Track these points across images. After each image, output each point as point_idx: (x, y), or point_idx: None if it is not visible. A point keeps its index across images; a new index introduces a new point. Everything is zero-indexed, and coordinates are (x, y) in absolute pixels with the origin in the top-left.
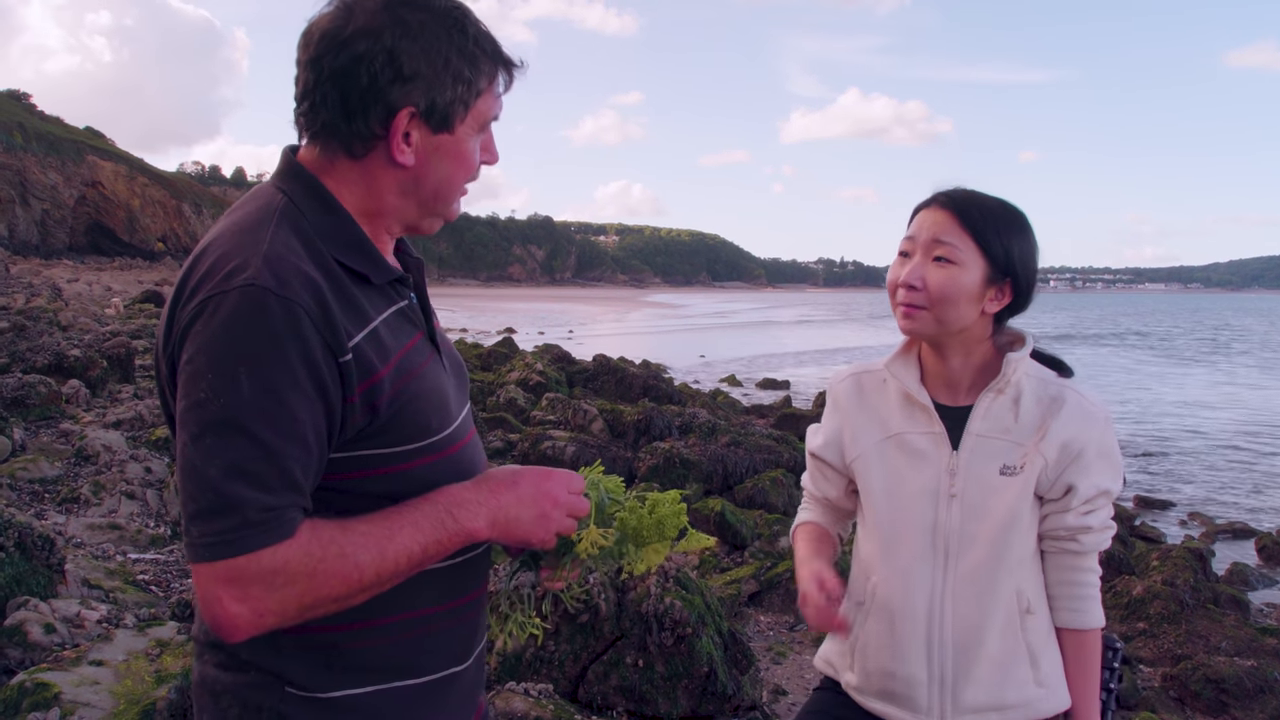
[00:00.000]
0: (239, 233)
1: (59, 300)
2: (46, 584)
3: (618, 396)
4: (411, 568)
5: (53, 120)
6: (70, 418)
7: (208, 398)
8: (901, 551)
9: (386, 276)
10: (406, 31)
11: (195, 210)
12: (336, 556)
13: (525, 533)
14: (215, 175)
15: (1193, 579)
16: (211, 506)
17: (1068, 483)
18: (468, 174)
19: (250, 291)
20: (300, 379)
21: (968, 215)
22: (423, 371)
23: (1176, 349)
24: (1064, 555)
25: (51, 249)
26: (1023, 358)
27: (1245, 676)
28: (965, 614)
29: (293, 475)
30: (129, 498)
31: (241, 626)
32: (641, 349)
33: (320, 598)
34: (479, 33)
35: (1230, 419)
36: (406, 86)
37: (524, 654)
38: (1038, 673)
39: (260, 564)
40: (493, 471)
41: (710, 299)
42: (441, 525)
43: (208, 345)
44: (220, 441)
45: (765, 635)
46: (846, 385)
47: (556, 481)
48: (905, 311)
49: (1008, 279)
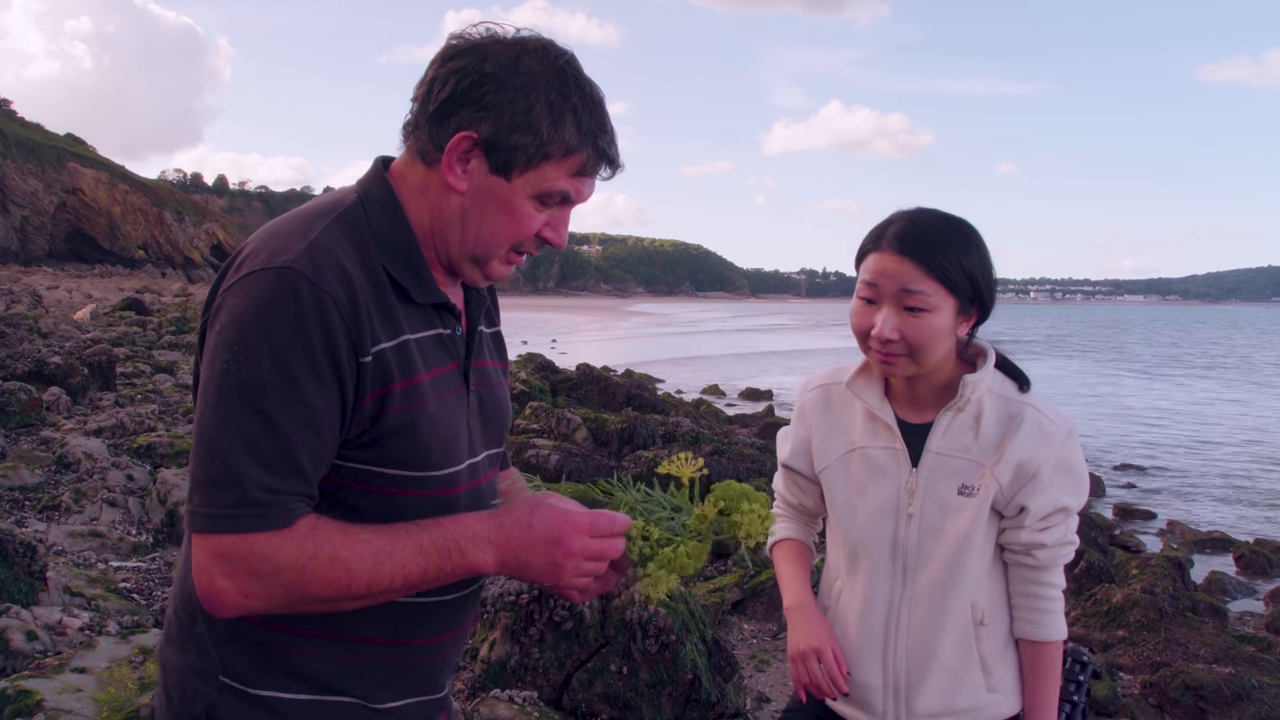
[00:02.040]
0: (297, 220)
1: (39, 307)
2: (28, 591)
3: (601, 405)
4: (408, 588)
5: (33, 127)
6: (51, 425)
7: (229, 369)
8: (863, 563)
9: (429, 298)
10: (510, 70)
11: (176, 218)
12: (329, 559)
13: (536, 578)
14: (197, 183)
15: (1172, 587)
16: (217, 477)
17: (1021, 503)
18: (516, 233)
19: (286, 274)
20: (320, 367)
21: (931, 261)
22: (440, 402)
23: (1163, 360)
24: (1022, 569)
25: (31, 256)
26: (981, 378)
27: (1223, 684)
28: (920, 626)
29: (299, 461)
30: (111, 505)
31: (227, 603)
32: (625, 358)
33: (306, 595)
34: (582, 105)
35: (1214, 431)
36: (480, 113)
37: (508, 661)
38: (990, 679)
39: (252, 547)
40: (514, 504)
41: (693, 309)
42: (446, 555)
43: (238, 319)
44: (235, 415)
45: (749, 643)
46: (814, 396)
47: (575, 528)
48: (884, 359)
49: (975, 303)
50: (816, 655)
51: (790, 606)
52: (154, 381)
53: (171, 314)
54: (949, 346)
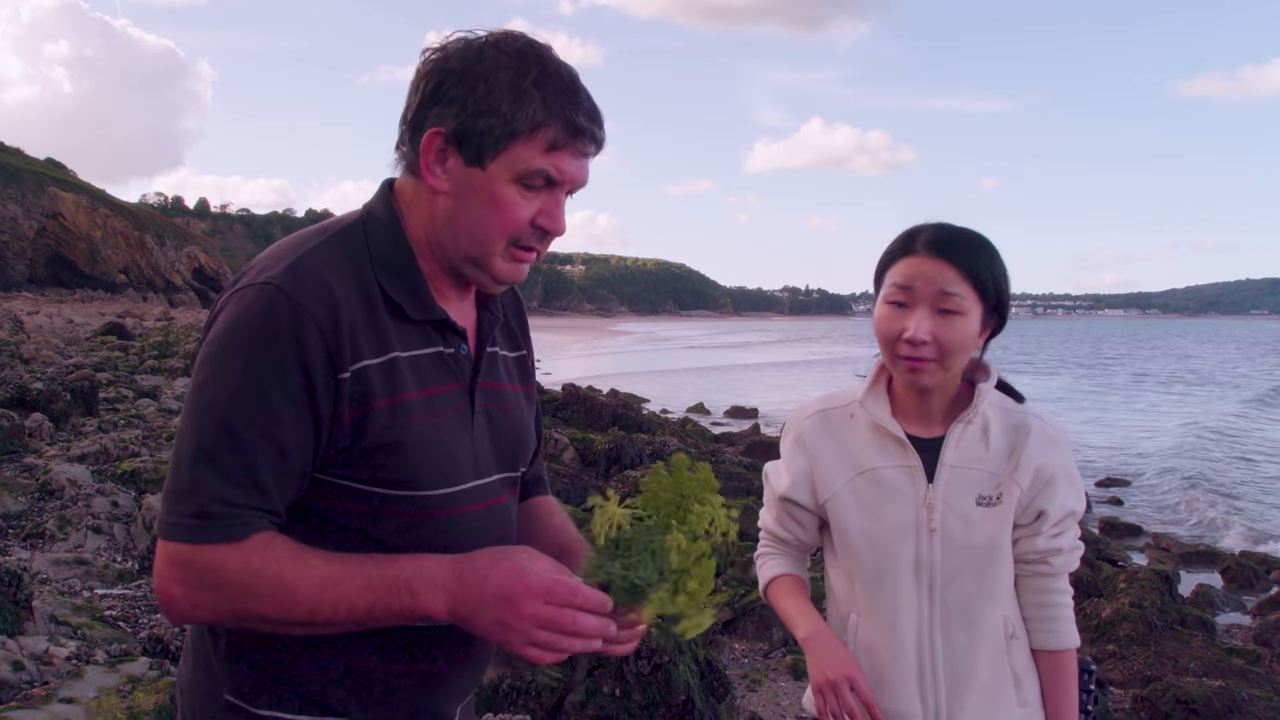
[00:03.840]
0: (295, 239)
1: (21, 333)
2: (14, 621)
3: (588, 425)
4: (352, 622)
5: (12, 151)
6: (34, 451)
7: (205, 381)
8: (885, 589)
9: (426, 315)
10: (473, 62)
11: (158, 241)
12: (274, 580)
13: (483, 634)
14: (178, 206)
15: (1160, 601)
16: (180, 487)
17: (1039, 508)
18: (506, 224)
19: (265, 290)
20: (291, 383)
21: (967, 263)
22: (435, 421)
23: (1148, 375)
24: (1036, 578)
25: (11, 281)
26: (990, 388)
27: (1214, 696)
28: (956, 645)
29: (258, 475)
30: (95, 532)
31: (176, 609)
32: (610, 377)
33: (249, 611)
34: (545, 79)
35: (1194, 443)
36: (443, 108)
37: (500, 684)
38: (1021, 693)
39: (201, 558)
40: (481, 552)
41: (677, 327)
42: (395, 594)
43: (221, 333)
44: (203, 427)
45: (740, 663)
46: (813, 422)
47: (529, 590)
48: (912, 365)
49: (996, 312)
50: (849, 683)
51: (807, 637)
52: (137, 406)
53: (154, 338)
54: (969, 356)
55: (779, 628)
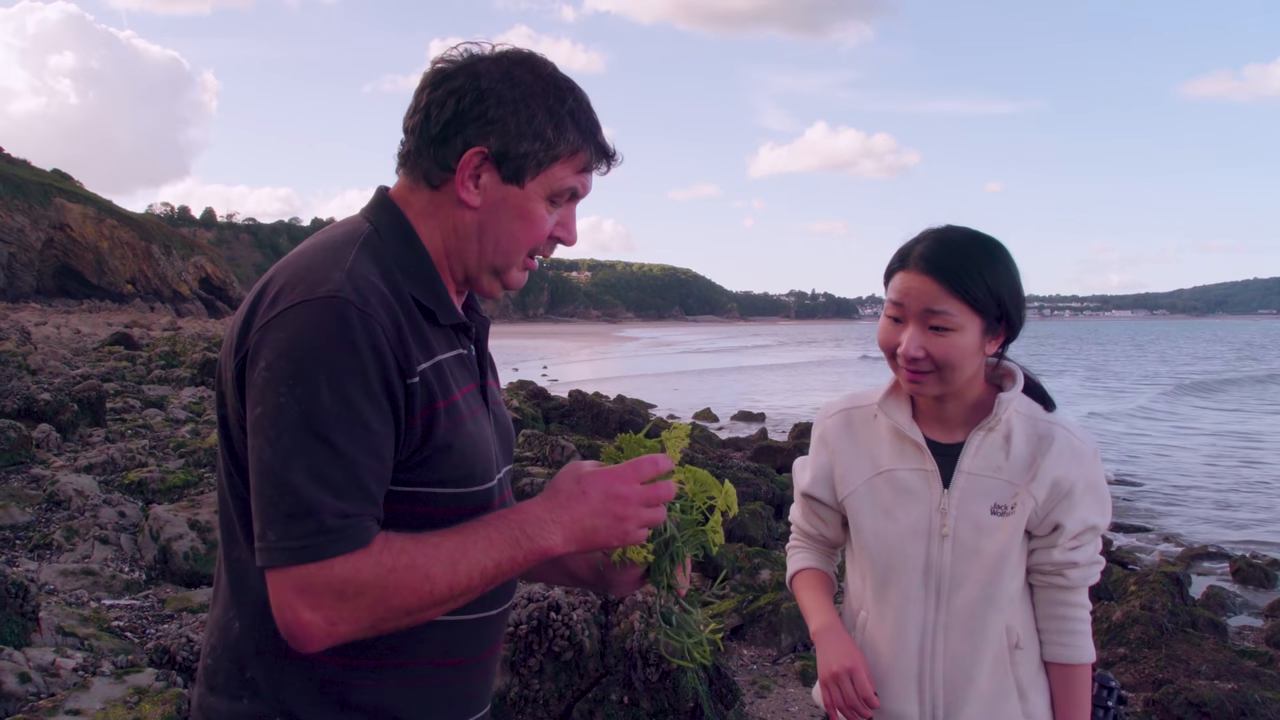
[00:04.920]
0: (323, 251)
1: (28, 344)
2: (20, 632)
3: (594, 432)
4: (485, 584)
5: (19, 163)
6: (41, 462)
7: (287, 402)
8: (893, 589)
9: (451, 319)
10: (506, 82)
11: (164, 251)
12: (408, 568)
13: (605, 540)
14: (184, 216)
15: (1170, 603)
16: (290, 510)
17: (1055, 521)
18: (533, 237)
19: (334, 302)
20: (375, 392)
21: (954, 281)
22: (472, 420)
23: (1150, 376)
24: (1051, 590)
25: (19, 292)
26: (1014, 396)
27: (1226, 699)
28: (956, 651)
29: (366, 485)
30: (103, 543)
31: (315, 635)
32: (616, 384)
33: (392, 609)
34: (578, 107)
35: (1202, 444)
36: (486, 128)
37: (507, 693)
38: (1026, 705)
39: (333, 572)
40: (557, 482)
41: (683, 332)
42: (516, 543)
43: (289, 350)
44: (299, 446)
45: (749, 669)
46: (836, 421)
47: (625, 480)
48: (911, 377)
49: (1002, 321)
50: (850, 675)
51: (818, 630)
52: (144, 416)
53: (161, 348)
54: (977, 365)
55: (787, 633)
